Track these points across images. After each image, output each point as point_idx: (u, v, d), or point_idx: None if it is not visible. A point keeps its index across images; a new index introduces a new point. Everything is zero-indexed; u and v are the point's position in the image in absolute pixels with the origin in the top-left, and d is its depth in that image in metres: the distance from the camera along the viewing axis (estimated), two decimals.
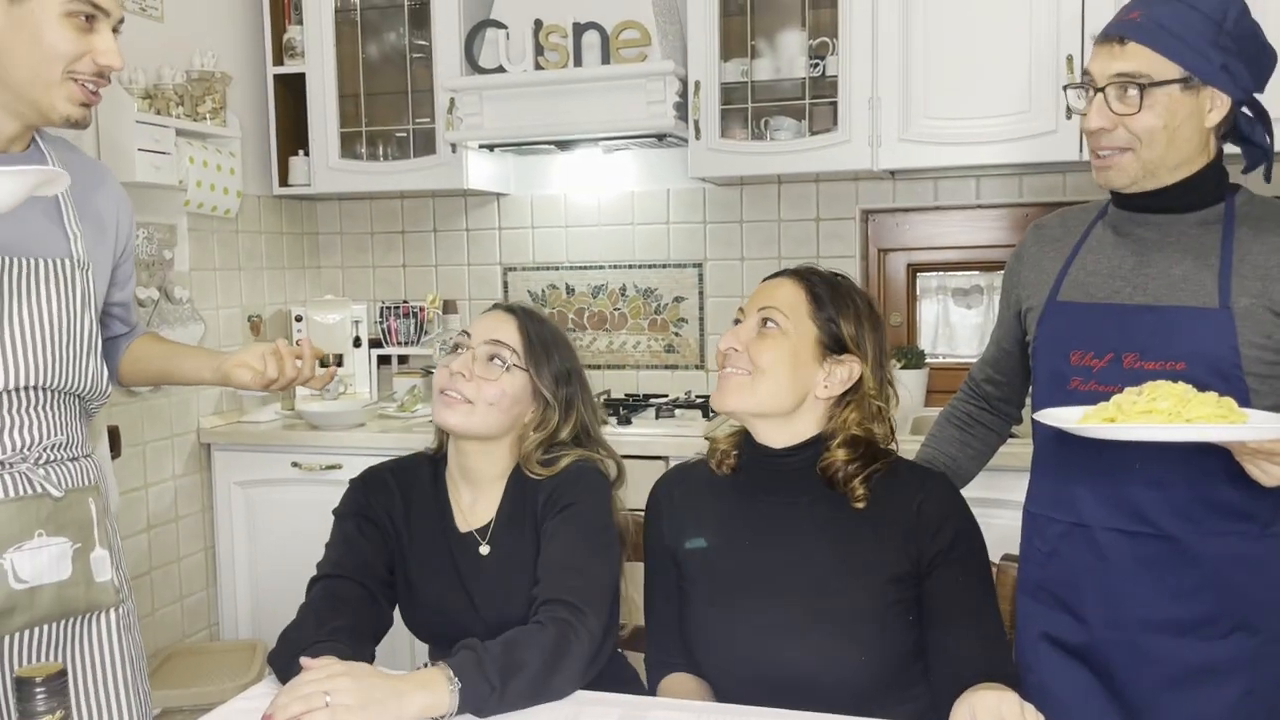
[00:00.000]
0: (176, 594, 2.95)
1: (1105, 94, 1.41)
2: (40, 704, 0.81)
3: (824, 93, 2.78)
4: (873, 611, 1.37)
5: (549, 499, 1.52)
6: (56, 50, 1.36)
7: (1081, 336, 1.48)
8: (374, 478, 1.61)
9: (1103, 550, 1.45)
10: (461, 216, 3.40)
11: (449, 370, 1.52)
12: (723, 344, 1.46)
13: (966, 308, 3.13)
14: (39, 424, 1.43)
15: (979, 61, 2.59)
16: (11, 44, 1.35)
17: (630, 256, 3.26)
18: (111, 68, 1.40)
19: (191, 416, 2.99)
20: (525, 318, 1.57)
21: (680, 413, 2.85)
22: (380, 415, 3.09)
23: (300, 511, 2.88)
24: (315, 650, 1.31)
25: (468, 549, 1.55)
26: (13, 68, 1.36)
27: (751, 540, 1.45)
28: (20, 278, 1.40)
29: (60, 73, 1.37)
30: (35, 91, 1.37)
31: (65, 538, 1.43)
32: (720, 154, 2.80)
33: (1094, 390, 1.43)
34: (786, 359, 1.42)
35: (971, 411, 1.78)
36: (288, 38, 3.19)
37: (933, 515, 1.40)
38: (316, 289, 3.51)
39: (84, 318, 1.47)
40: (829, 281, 1.48)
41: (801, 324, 1.44)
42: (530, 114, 2.84)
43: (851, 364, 1.44)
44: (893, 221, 3.08)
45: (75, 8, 1.35)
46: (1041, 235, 1.63)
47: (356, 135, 3.18)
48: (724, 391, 1.45)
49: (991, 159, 2.62)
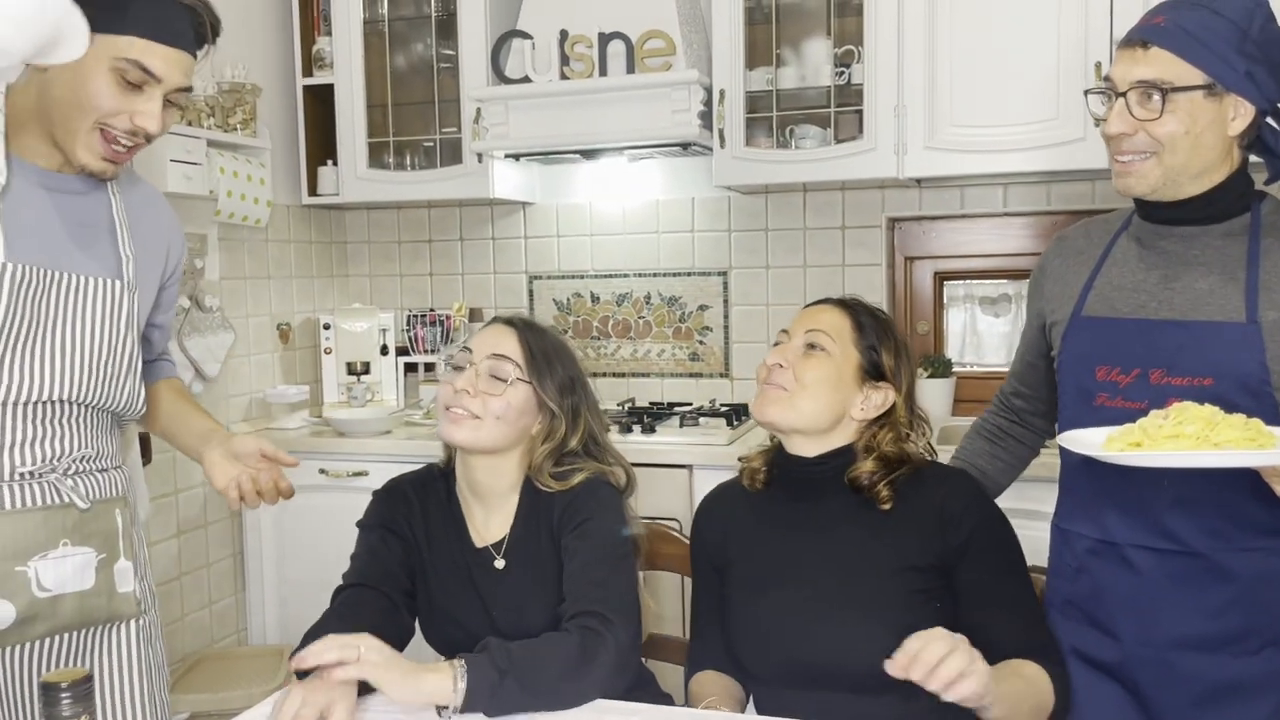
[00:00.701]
0: (205, 599, 2.98)
1: (1126, 99, 1.38)
2: (66, 709, 0.82)
3: (849, 101, 2.77)
4: (897, 598, 1.43)
5: (564, 514, 1.52)
6: (92, 102, 1.33)
7: (1107, 352, 1.46)
8: (395, 490, 1.63)
9: (1132, 567, 1.43)
10: (488, 225, 3.42)
11: (453, 387, 1.52)
12: (770, 359, 1.53)
13: (994, 316, 3.10)
14: (70, 436, 1.44)
15: (1006, 68, 2.57)
16: (57, 79, 1.33)
17: (655, 265, 3.26)
18: (145, 130, 1.37)
19: (221, 423, 3.01)
20: (525, 330, 1.58)
21: (704, 421, 2.85)
22: (406, 422, 3.10)
23: (327, 518, 2.90)
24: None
25: (484, 564, 1.56)
26: (51, 103, 1.35)
27: (782, 535, 1.53)
28: (67, 293, 1.40)
29: (90, 123, 1.35)
30: (62, 132, 1.36)
31: (90, 548, 1.45)
32: (745, 162, 2.80)
33: (1120, 407, 1.41)
34: (830, 379, 1.50)
35: (1001, 424, 1.77)
36: (317, 49, 3.23)
37: (954, 511, 1.46)
38: (344, 297, 3.54)
39: (127, 339, 1.48)
40: (872, 313, 1.57)
41: (846, 349, 1.52)
42: (556, 123, 2.85)
43: (887, 391, 1.52)
44: (919, 229, 3.06)
45: (125, 67, 1.32)
46: (1064, 247, 1.61)
47: (384, 145, 3.21)
48: (765, 403, 1.51)
49: (1019, 166, 2.61)
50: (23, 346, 1.36)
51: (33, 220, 1.36)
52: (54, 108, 1.35)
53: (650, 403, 3.19)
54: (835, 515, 1.51)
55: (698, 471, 2.59)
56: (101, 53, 1.31)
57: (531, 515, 1.55)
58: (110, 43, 1.31)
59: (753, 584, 1.52)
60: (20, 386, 1.36)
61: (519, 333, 1.57)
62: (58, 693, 0.82)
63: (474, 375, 1.52)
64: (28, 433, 1.39)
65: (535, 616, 1.50)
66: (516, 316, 1.61)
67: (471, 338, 1.61)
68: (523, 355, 1.54)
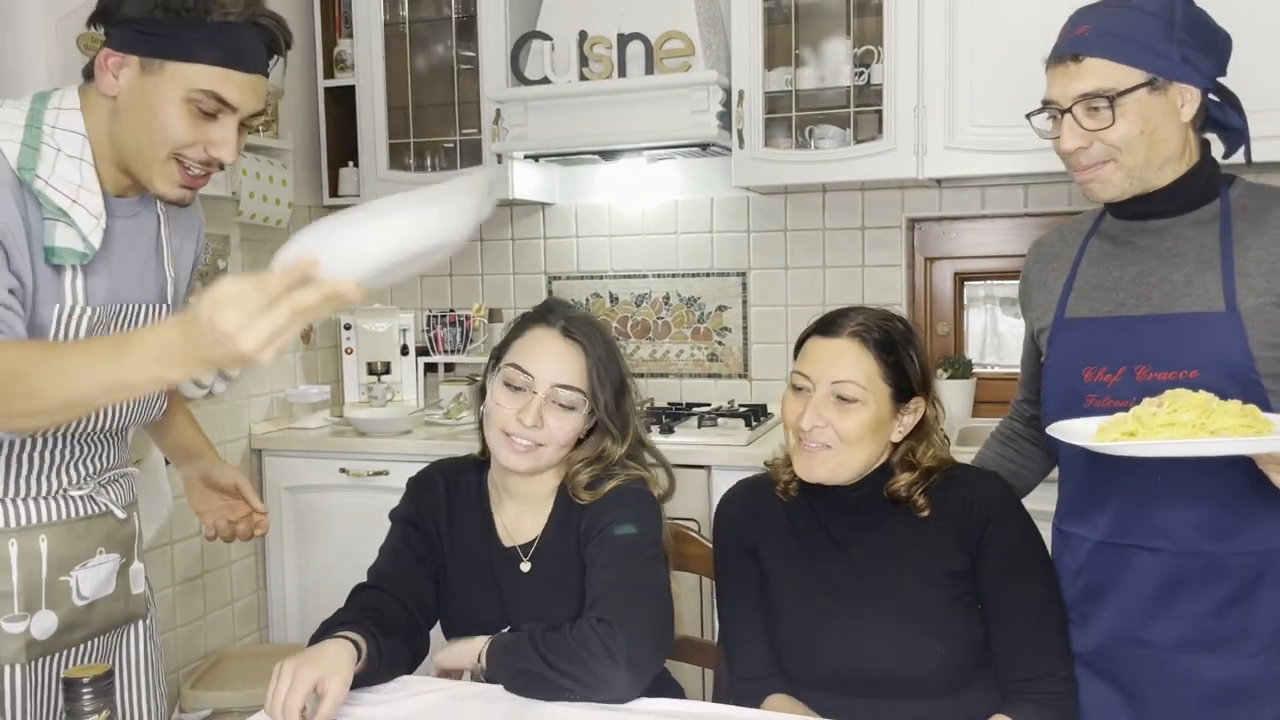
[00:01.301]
0: (227, 597, 3.01)
1: (1073, 114, 1.38)
2: (87, 704, 0.83)
3: (869, 101, 2.76)
4: (941, 606, 1.44)
5: (590, 522, 1.50)
6: (166, 133, 1.30)
7: (1092, 352, 1.46)
8: (425, 480, 1.62)
9: (1130, 567, 1.43)
10: (507, 226, 3.43)
11: (513, 415, 1.46)
12: (804, 422, 1.46)
13: (1015, 317, 3.08)
14: (112, 450, 1.48)
15: (1026, 68, 2.52)
16: (130, 109, 1.31)
17: (674, 265, 3.26)
18: (221, 160, 1.34)
19: (243, 423, 3.05)
20: (587, 346, 1.49)
21: (723, 422, 2.84)
22: (426, 422, 3.12)
23: (348, 517, 2.93)
24: (341, 631, 1.36)
25: (509, 564, 1.55)
26: (124, 133, 1.32)
27: (824, 554, 1.52)
28: (126, 323, 1.41)
29: (165, 154, 1.32)
30: (138, 163, 1.34)
31: (117, 554, 1.47)
32: (764, 163, 2.79)
33: (1110, 406, 1.39)
34: (870, 427, 1.46)
35: (1015, 428, 1.76)
36: (338, 51, 3.25)
37: (980, 511, 1.47)
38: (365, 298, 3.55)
39: None
40: (885, 330, 1.49)
41: (877, 388, 1.47)
42: (575, 124, 2.86)
43: (918, 404, 1.51)
44: (939, 230, 3.05)
45: (198, 98, 1.29)
46: (1041, 253, 1.62)
47: (405, 146, 3.22)
48: (812, 465, 1.47)
49: (1039, 167, 2.57)
50: None
51: (101, 254, 1.36)
52: (126, 138, 1.32)
53: (669, 403, 3.19)
54: (873, 524, 1.51)
55: (716, 472, 2.59)
56: (174, 83, 1.28)
57: (565, 521, 1.53)
58: (182, 73, 1.28)
59: (794, 594, 1.51)
60: (86, 421, 1.39)
61: (584, 353, 1.48)
62: (79, 688, 0.84)
63: (538, 408, 1.46)
64: (78, 452, 1.42)
65: (553, 621, 1.49)
66: (572, 322, 1.50)
67: (524, 350, 1.50)
68: (588, 382, 1.48)
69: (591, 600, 1.43)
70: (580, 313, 1.56)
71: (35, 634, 1.35)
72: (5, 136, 1.29)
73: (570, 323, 1.51)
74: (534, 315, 1.54)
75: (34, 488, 1.37)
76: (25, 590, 1.34)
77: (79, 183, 1.31)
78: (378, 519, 1.65)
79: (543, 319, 1.52)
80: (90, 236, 1.32)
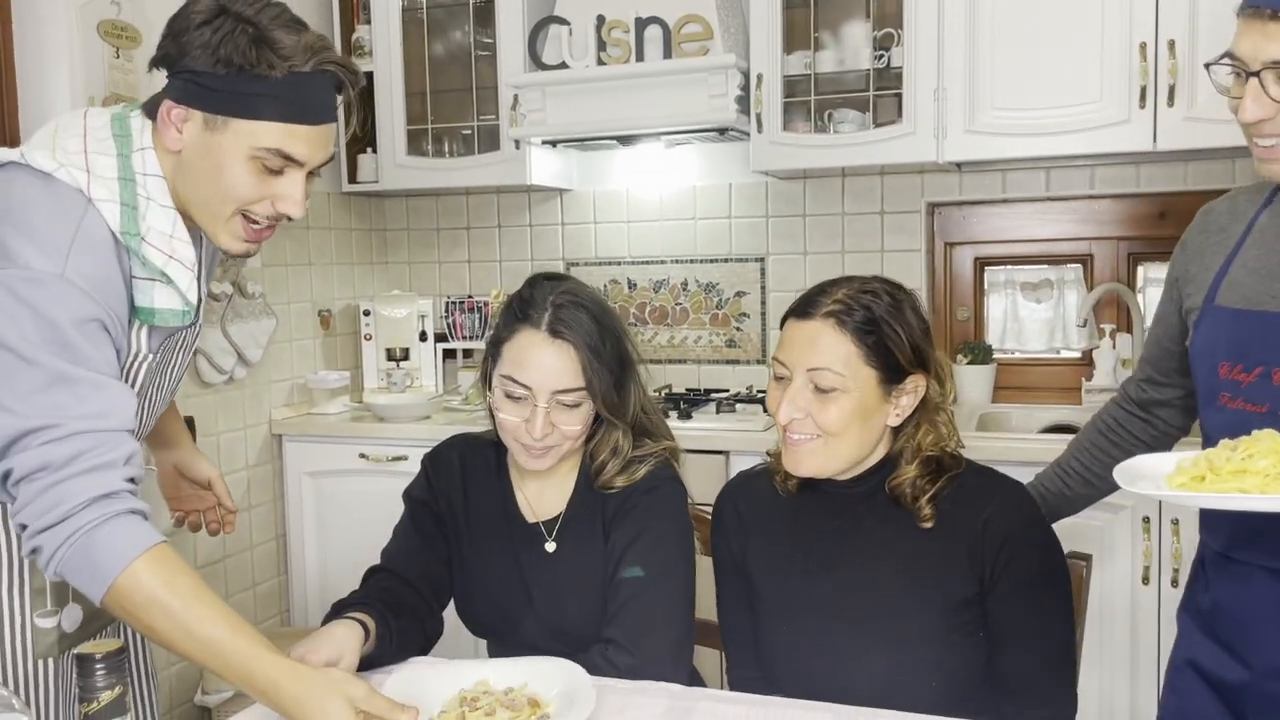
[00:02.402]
0: (249, 581, 3.03)
1: (1261, 79, 1.17)
2: (100, 680, 0.84)
3: (888, 84, 2.74)
4: (941, 634, 1.33)
5: (620, 509, 1.50)
6: (234, 191, 1.24)
7: (1230, 346, 1.28)
8: (441, 456, 1.61)
9: (1251, 585, 1.30)
10: (525, 212, 3.43)
11: (521, 426, 1.44)
12: (781, 417, 1.35)
13: (1036, 302, 3.06)
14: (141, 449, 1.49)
15: (1048, 50, 2.53)
16: (194, 164, 1.25)
17: (692, 251, 3.25)
18: (288, 216, 1.28)
19: (264, 408, 3.07)
20: (576, 340, 1.43)
21: (741, 408, 2.84)
22: (445, 408, 3.13)
23: (367, 501, 2.94)
24: (349, 611, 1.37)
25: (533, 542, 1.54)
26: (189, 187, 1.27)
27: (819, 561, 1.41)
28: (175, 352, 1.40)
29: (231, 211, 1.26)
30: (204, 218, 1.28)
31: None
32: (783, 147, 2.78)
33: (1241, 410, 1.26)
34: (855, 416, 1.33)
35: (1120, 417, 1.56)
36: (356, 37, 3.25)
37: (997, 531, 1.33)
38: (384, 284, 3.57)
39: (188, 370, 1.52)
40: (866, 308, 1.34)
41: (858, 373, 1.33)
42: (593, 109, 2.85)
43: (916, 383, 1.36)
44: (960, 214, 3.02)
45: (265, 156, 1.23)
46: (1208, 223, 1.40)
47: (423, 133, 3.23)
48: (798, 458, 1.36)
49: (1061, 150, 2.56)
50: (142, 415, 1.37)
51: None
52: (192, 192, 1.27)
53: (687, 389, 3.18)
54: (875, 538, 1.38)
55: (734, 457, 2.58)
56: (239, 142, 1.22)
57: (588, 499, 1.53)
58: (248, 130, 1.22)
59: (783, 608, 1.43)
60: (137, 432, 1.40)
61: (574, 349, 1.43)
62: (92, 664, 0.84)
63: (544, 417, 1.43)
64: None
65: (574, 604, 1.50)
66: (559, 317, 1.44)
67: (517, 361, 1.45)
68: (584, 376, 1.44)
69: (606, 639, 1.44)
70: (567, 289, 1.48)
71: (65, 627, 1.36)
72: (103, 196, 1.22)
73: (556, 317, 1.44)
74: (519, 312, 1.47)
75: None
76: (57, 585, 1.35)
77: (171, 234, 1.26)
78: (397, 503, 1.65)
79: (527, 319, 1.45)
80: (188, 293, 1.28)
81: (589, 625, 1.48)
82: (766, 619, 1.45)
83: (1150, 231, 2.84)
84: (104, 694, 0.84)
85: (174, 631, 1.12)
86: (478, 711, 1.22)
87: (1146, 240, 2.86)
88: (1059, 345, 3.04)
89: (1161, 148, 2.45)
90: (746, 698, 1.35)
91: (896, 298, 1.37)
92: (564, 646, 1.47)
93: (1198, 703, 1.36)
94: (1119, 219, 2.88)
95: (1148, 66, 2.42)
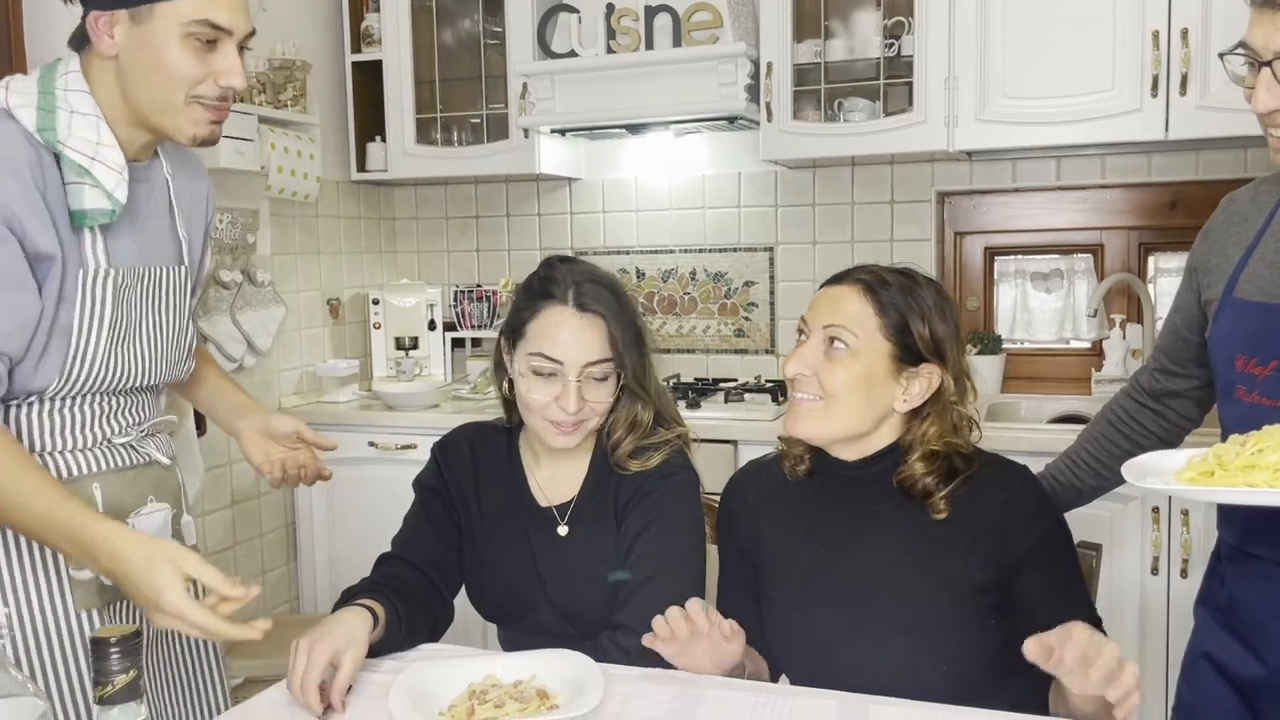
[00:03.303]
0: (259, 568, 3.05)
1: (1273, 69, 1.14)
2: (115, 664, 0.84)
3: (899, 73, 2.73)
4: (956, 621, 1.32)
5: (634, 496, 1.50)
6: (177, 73, 1.32)
7: (1248, 340, 1.26)
8: (450, 445, 1.62)
9: (1272, 582, 1.28)
10: (534, 201, 3.43)
11: (553, 403, 1.44)
12: (789, 370, 1.36)
13: (1046, 292, 3.05)
14: (147, 405, 1.50)
15: (1060, 38, 2.51)
16: (134, 62, 1.32)
17: (700, 240, 3.25)
18: (233, 89, 1.36)
19: (273, 396, 3.07)
20: (604, 312, 1.45)
21: (750, 397, 2.84)
22: (454, 396, 3.13)
23: (376, 489, 2.95)
24: (358, 598, 1.38)
25: (545, 526, 1.55)
26: (136, 89, 1.34)
27: (830, 547, 1.40)
28: (150, 286, 1.44)
29: (184, 97, 1.33)
30: (162, 116, 1.35)
31: (168, 504, 1.50)
32: (792, 136, 2.77)
33: (1257, 403, 1.24)
34: (859, 383, 1.33)
35: (1130, 408, 1.55)
36: (365, 25, 3.25)
37: (1018, 515, 1.33)
38: (393, 273, 3.58)
39: (189, 319, 1.53)
40: (896, 285, 1.36)
41: (872, 341, 1.33)
42: (602, 98, 2.84)
43: (930, 374, 1.35)
44: (969, 204, 3.01)
45: (196, 29, 1.31)
46: (1230, 212, 1.37)
47: (432, 121, 3.23)
48: (796, 419, 1.36)
49: (1072, 139, 2.55)
50: (123, 341, 1.41)
51: (121, 220, 1.38)
52: (139, 94, 1.34)
53: (695, 378, 3.18)
54: (887, 524, 1.37)
55: (742, 447, 2.59)
56: (168, 23, 1.30)
57: (602, 483, 1.53)
58: (173, 11, 1.30)
59: (795, 593, 1.41)
60: (122, 377, 1.42)
61: (604, 322, 1.45)
62: (107, 648, 0.85)
63: (576, 392, 1.44)
64: (116, 404, 1.44)
65: (588, 587, 1.50)
66: (584, 293, 1.46)
67: (545, 336, 1.45)
68: (612, 349, 1.46)
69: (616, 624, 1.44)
70: (584, 269, 1.51)
71: (105, 579, 1.37)
72: (20, 103, 1.31)
73: (581, 293, 1.46)
74: (542, 290, 1.49)
75: (78, 440, 1.40)
76: None
77: (96, 140, 1.33)
78: (406, 492, 1.66)
79: (552, 295, 1.47)
80: (115, 192, 1.33)
81: (601, 609, 1.48)
82: (775, 603, 1.44)
83: (1161, 221, 2.83)
84: (119, 678, 0.84)
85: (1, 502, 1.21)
86: (487, 704, 1.23)
87: (1158, 230, 2.85)
88: (1069, 335, 3.03)
89: (1173, 137, 2.43)
90: (755, 685, 1.35)
91: (936, 287, 1.39)
92: (576, 630, 1.47)
93: (1214, 697, 1.35)
94: (1130, 208, 2.86)
95: (1160, 55, 2.41)
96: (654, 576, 1.44)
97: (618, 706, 1.25)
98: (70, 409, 1.39)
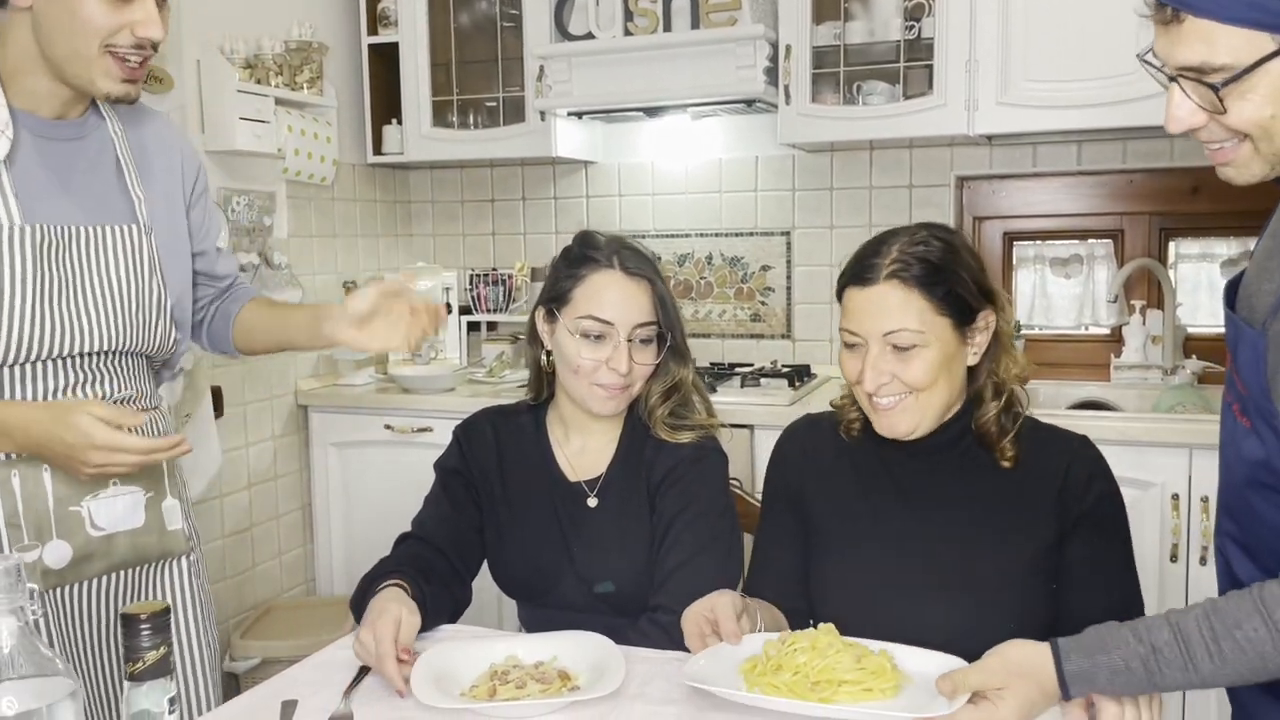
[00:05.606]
0: (275, 550, 3.06)
1: (1180, 84, 1.03)
2: (145, 640, 0.85)
3: (919, 56, 2.71)
4: (1020, 577, 1.33)
5: (667, 476, 1.51)
6: (92, 24, 1.30)
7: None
8: (473, 426, 1.62)
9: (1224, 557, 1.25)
10: (550, 185, 3.42)
11: (602, 365, 1.46)
12: (869, 385, 1.33)
13: (1065, 278, 3.03)
14: (109, 379, 1.46)
15: (1082, 21, 2.49)
16: (48, 12, 1.31)
17: (717, 224, 3.24)
18: (150, 39, 1.34)
19: (290, 379, 3.08)
20: (650, 276, 1.49)
21: (766, 382, 2.83)
22: (470, 380, 3.14)
23: (392, 472, 2.96)
24: (385, 579, 1.38)
25: (574, 499, 1.55)
26: (50, 42, 1.33)
27: (890, 498, 1.41)
28: (88, 246, 1.41)
29: (97, 47, 1.32)
30: (75, 67, 1.34)
31: (138, 487, 1.48)
32: (810, 119, 2.75)
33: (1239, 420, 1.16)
34: (939, 367, 1.33)
35: None
36: (381, 7, 3.24)
37: (1080, 476, 1.35)
38: (409, 256, 3.57)
39: (151, 283, 1.48)
40: (923, 260, 1.32)
41: (934, 324, 1.32)
42: (619, 80, 2.83)
43: (986, 318, 1.37)
44: (989, 188, 2.99)
45: None
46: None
47: (448, 104, 3.22)
48: (891, 421, 1.35)
49: (1095, 123, 2.53)
50: (55, 304, 1.38)
51: (43, 178, 1.37)
52: (53, 45, 1.32)
53: (711, 363, 3.18)
54: (952, 475, 1.38)
55: (759, 432, 2.58)
56: None
57: (633, 457, 1.54)
58: None
59: (843, 545, 1.41)
60: (58, 342, 1.38)
61: (650, 285, 1.49)
62: (137, 624, 0.85)
63: (626, 353, 1.46)
64: (70, 378, 1.41)
65: (616, 560, 1.50)
66: (627, 259, 1.49)
67: (594, 299, 1.48)
68: (659, 311, 1.50)
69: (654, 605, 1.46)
70: (620, 238, 1.54)
71: (49, 563, 1.37)
72: None
73: (624, 258, 1.49)
74: (585, 257, 1.51)
75: None
76: (34, 520, 1.37)
77: None
78: (422, 474, 1.66)
79: (597, 262, 1.49)
80: None
81: (628, 584, 1.48)
82: (826, 554, 1.43)
83: (1182, 207, 2.80)
84: (149, 654, 0.85)
85: None
86: (508, 685, 1.23)
87: (1178, 215, 2.82)
88: (1088, 321, 3.01)
89: None
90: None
91: (949, 241, 1.37)
92: (601, 605, 1.47)
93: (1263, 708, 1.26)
94: (1151, 193, 2.84)
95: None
96: (692, 559, 1.45)
97: (638, 688, 1.25)
98: (31, 380, 1.37)
